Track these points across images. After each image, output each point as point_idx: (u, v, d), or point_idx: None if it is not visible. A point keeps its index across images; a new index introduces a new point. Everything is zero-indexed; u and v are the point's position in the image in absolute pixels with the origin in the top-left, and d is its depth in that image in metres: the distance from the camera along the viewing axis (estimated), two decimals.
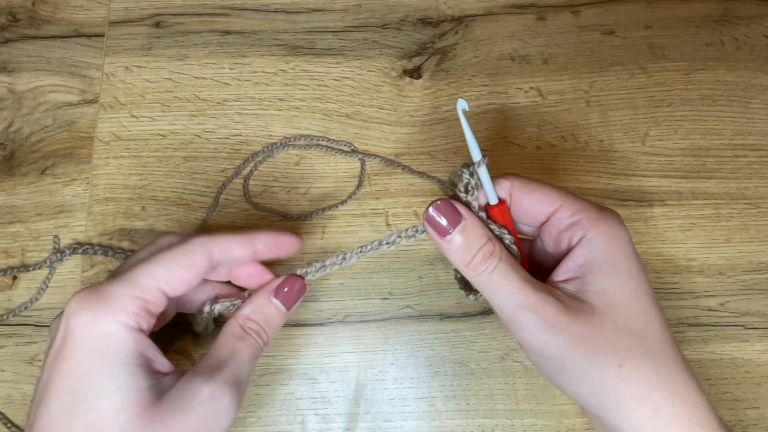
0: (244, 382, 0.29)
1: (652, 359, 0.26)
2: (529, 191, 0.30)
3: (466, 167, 0.30)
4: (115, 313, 0.27)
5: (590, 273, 0.28)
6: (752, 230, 0.41)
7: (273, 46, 0.45)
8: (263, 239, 0.32)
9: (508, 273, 0.28)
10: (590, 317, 0.27)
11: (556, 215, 0.29)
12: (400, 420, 0.37)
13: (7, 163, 0.42)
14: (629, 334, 0.26)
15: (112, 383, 0.26)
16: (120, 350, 0.26)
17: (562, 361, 0.27)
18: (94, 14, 0.45)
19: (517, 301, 0.27)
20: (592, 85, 0.44)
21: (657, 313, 0.28)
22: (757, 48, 0.45)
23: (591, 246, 0.28)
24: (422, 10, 0.46)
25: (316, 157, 0.42)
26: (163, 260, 0.29)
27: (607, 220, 0.28)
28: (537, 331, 0.27)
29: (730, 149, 0.43)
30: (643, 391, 0.26)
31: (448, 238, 0.29)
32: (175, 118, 0.43)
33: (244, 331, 0.30)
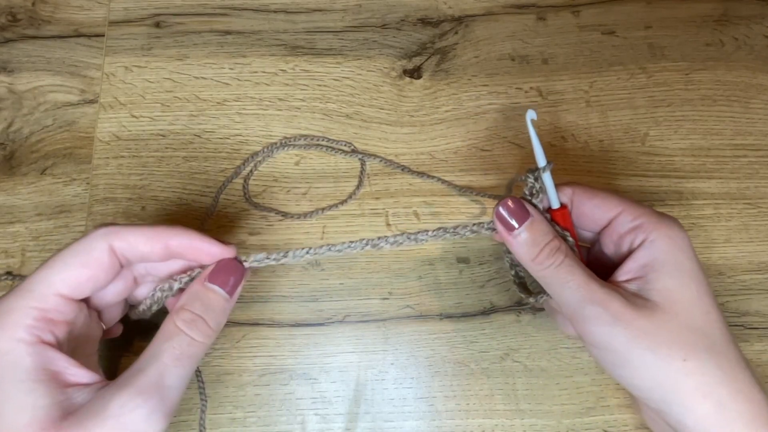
0: (170, 388, 0.26)
1: (715, 356, 0.27)
2: (590, 196, 0.31)
3: (531, 172, 0.31)
4: (9, 329, 0.25)
5: (653, 272, 0.28)
6: (752, 230, 0.41)
7: (273, 46, 0.45)
8: (178, 238, 0.29)
9: (574, 268, 0.29)
10: (654, 313, 0.27)
11: (617, 219, 0.30)
12: (400, 420, 0.37)
13: (7, 163, 0.42)
14: (692, 331, 0.27)
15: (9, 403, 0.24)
16: (15, 367, 0.25)
17: (627, 354, 0.27)
18: (94, 14, 0.46)
19: (583, 295, 0.28)
20: (592, 85, 0.44)
21: (718, 313, 0.28)
22: (757, 48, 0.45)
23: (653, 247, 0.29)
24: (422, 10, 0.46)
25: (316, 157, 0.42)
26: (58, 262, 0.27)
27: (669, 223, 0.29)
28: (602, 324, 0.27)
29: (730, 149, 0.43)
30: (708, 386, 0.26)
31: (515, 233, 0.30)
32: (175, 118, 0.43)
33: (175, 328, 0.27)
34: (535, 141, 0.31)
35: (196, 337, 0.28)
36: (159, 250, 0.29)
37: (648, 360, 0.27)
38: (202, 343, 0.28)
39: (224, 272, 0.29)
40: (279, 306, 0.39)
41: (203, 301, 0.29)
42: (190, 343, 0.27)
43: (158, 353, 0.27)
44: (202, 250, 0.29)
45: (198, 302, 0.28)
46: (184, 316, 0.28)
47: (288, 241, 0.40)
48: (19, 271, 0.40)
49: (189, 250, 0.29)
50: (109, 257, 0.28)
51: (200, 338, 0.28)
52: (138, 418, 0.25)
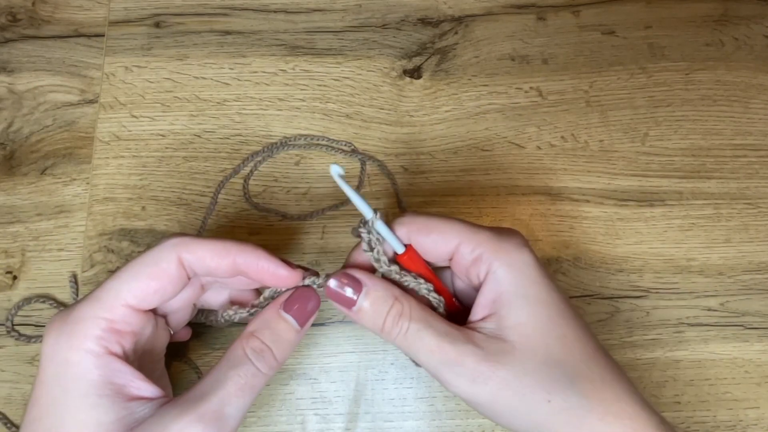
0: (232, 417, 0.26)
1: (578, 385, 0.26)
2: (426, 233, 0.29)
3: (362, 225, 0.29)
4: (79, 339, 0.25)
5: (503, 308, 0.27)
6: (752, 230, 0.41)
7: (273, 46, 0.45)
8: (245, 256, 0.28)
9: (421, 332, 0.27)
10: (512, 357, 0.26)
11: (458, 252, 0.28)
12: (400, 420, 0.37)
13: (7, 163, 0.42)
14: (551, 365, 0.26)
15: (73, 416, 0.24)
16: (82, 381, 0.24)
17: (494, 407, 0.27)
18: (94, 14, 0.46)
19: (437, 359, 0.27)
20: (592, 85, 0.44)
21: (576, 333, 0.27)
22: (757, 48, 0.45)
23: (496, 279, 0.27)
24: (422, 10, 0.46)
25: (316, 157, 0.42)
26: (127, 273, 0.27)
27: (507, 248, 0.28)
28: (463, 384, 0.27)
29: (730, 149, 0.43)
30: (577, 419, 0.26)
31: (355, 309, 0.28)
32: (175, 118, 0.43)
33: (243, 355, 0.27)
34: (352, 195, 0.28)
35: (262, 369, 0.27)
36: (226, 266, 0.28)
37: (515, 408, 0.26)
38: (266, 375, 0.27)
39: (300, 302, 0.29)
40: None
41: (274, 330, 0.28)
42: (255, 374, 0.27)
43: (223, 380, 0.26)
44: (268, 271, 0.28)
45: (268, 331, 0.28)
46: (253, 344, 0.27)
47: (288, 241, 0.40)
48: (19, 271, 0.40)
49: (255, 270, 0.28)
50: (177, 269, 0.27)
51: (265, 370, 0.27)
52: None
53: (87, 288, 0.39)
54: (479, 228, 0.29)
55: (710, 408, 0.37)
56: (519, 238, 0.29)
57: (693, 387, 0.38)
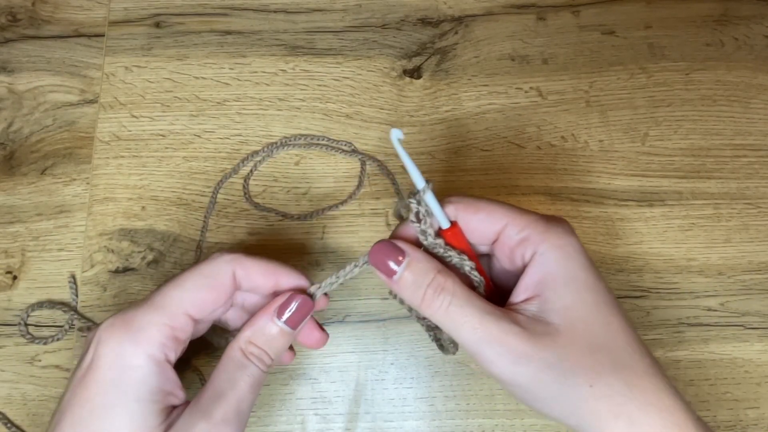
0: (245, 413, 0.28)
1: (621, 372, 0.26)
2: (474, 211, 0.29)
3: (412, 196, 0.28)
4: (143, 344, 0.26)
5: (548, 290, 0.27)
6: (752, 230, 0.41)
7: (273, 46, 0.45)
8: (288, 279, 0.30)
9: (465, 307, 0.27)
10: (555, 339, 0.26)
11: (504, 233, 0.28)
12: (400, 420, 0.37)
13: (7, 163, 0.42)
14: (596, 350, 0.26)
15: (124, 421, 0.25)
16: (140, 386, 0.26)
17: (533, 389, 0.26)
18: (94, 14, 0.46)
19: (479, 336, 0.26)
20: (592, 85, 0.44)
21: (620, 321, 0.27)
22: (757, 48, 0.45)
23: (544, 261, 0.27)
24: (422, 10, 0.46)
25: (316, 157, 0.42)
26: (188, 282, 0.28)
27: (556, 231, 0.28)
28: (504, 364, 0.26)
29: (730, 149, 0.43)
30: (618, 406, 0.25)
31: (395, 278, 0.28)
32: (175, 118, 0.43)
33: (245, 357, 0.28)
34: (408, 162, 0.28)
35: (262, 368, 0.29)
36: (270, 285, 0.30)
37: (555, 392, 0.26)
38: (264, 375, 0.29)
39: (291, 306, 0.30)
40: None
41: (267, 335, 0.29)
42: (259, 373, 0.28)
43: (234, 380, 0.27)
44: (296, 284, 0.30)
45: (262, 336, 0.29)
46: (251, 349, 0.29)
47: (288, 241, 0.40)
48: (19, 271, 0.40)
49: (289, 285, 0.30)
50: (231, 284, 0.29)
51: (264, 369, 0.29)
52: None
53: (87, 287, 0.39)
54: (527, 211, 0.29)
55: (710, 408, 0.37)
56: (566, 224, 0.28)
57: (693, 387, 0.38)
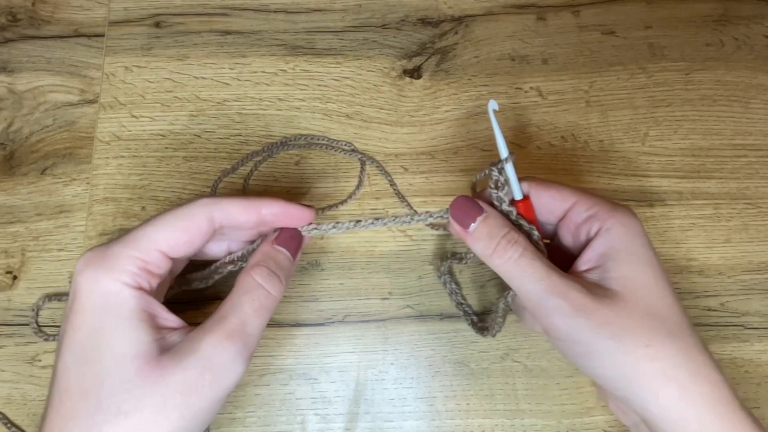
0: (251, 336, 0.29)
1: (675, 340, 0.27)
2: (546, 188, 0.32)
3: (494, 165, 0.31)
4: (116, 273, 0.28)
5: (610, 261, 0.29)
6: (752, 230, 0.41)
7: (273, 46, 0.45)
8: (270, 207, 0.31)
9: (534, 260, 0.29)
10: (614, 301, 0.28)
11: (573, 210, 0.31)
12: (400, 420, 0.37)
13: (7, 163, 0.42)
14: (652, 317, 0.28)
15: (116, 336, 0.27)
16: (122, 307, 0.27)
17: (590, 344, 0.28)
18: (94, 14, 0.46)
19: (545, 287, 0.28)
20: (592, 85, 0.44)
21: (675, 297, 0.29)
22: (757, 48, 0.45)
23: (609, 236, 0.29)
24: (422, 10, 0.46)
25: (316, 157, 0.42)
26: (163, 222, 0.29)
27: (622, 211, 0.30)
28: (565, 316, 0.28)
29: (730, 149, 0.43)
30: (670, 370, 0.27)
31: (471, 229, 0.30)
32: (175, 118, 0.43)
33: (253, 281, 0.30)
34: (498, 132, 0.31)
35: (272, 291, 0.30)
36: (253, 219, 0.31)
37: (612, 348, 0.27)
38: (276, 297, 0.31)
39: (289, 238, 0.32)
40: (279, 306, 0.39)
41: (275, 260, 0.31)
42: (267, 296, 0.30)
43: (239, 304, 0.29)
44: (289, 214, 0.32)
45: (271, 261, 0.31)
46: (261, 272, 0.30)
47: None
48: (19, 271, 0.40)
49: (278, 217, 0.32)
50: (207, 225, 0.30)
51: (274, 292, 0.30)
52: (225, 358, 0.27)
53: None
54: (594, 193, 0.31)
55: None
56: (631, 209, 0.31)
57: None
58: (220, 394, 0.28)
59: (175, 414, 0.26)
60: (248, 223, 0.31)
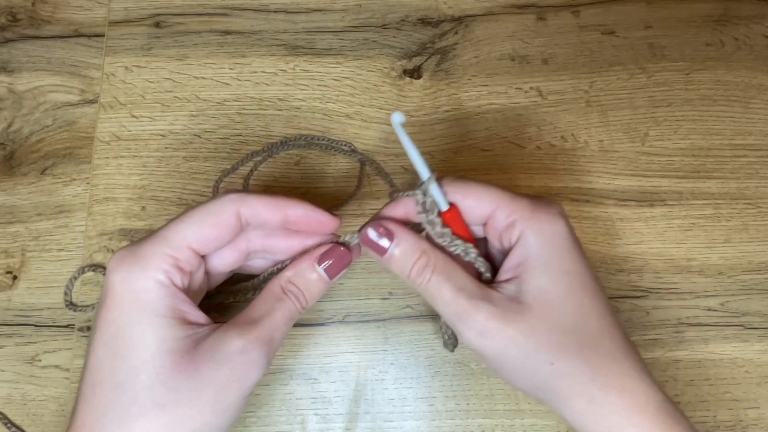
0: (276, 342, 0.30)
1: (585, 353, 0.27)
2: (463, 196, 0.30)
3: (418, 186, 0.30)
4: (149, 270, 0.28)
5: (525, 272, 0.29)
6: (752, 230, 0.41)
7: (273, 46, 0.45)
8: (296, 209, 0.31)
9: (441, 284, 0.29)
10: (524, 317, 0.28)
11: (494, 217, 0.30)
12: (400, 420, 0.37)
13: (7, 163, 0.42)
14: (562, 331, 0.28)
15: (149, 332, 0.27)
16: (154, 303, 0.28)
17: (499, 362, 0.29)
18: (94, 14, 0.46)
19: (452, 311, 0.29)
20: (592, 85, 0.44)
21: (595, 304, 0.28)
22: (757, 48, 0.45)
23: (525, 245, 0.29)
24: (422, 10, 0.46)
25: (316, 157, 0.42)
26: (192, 218, 0.30)
27: (541, 217, 0.29)
28: (472, 338, 0.29)
29: (730, 149, 0.43)
30: (578, 385, 0.27)
31: (386, 256, 0.31)
32: (175, 118, 0.43)
33: (283, 293, 0.30)
34: (412, 150, 0.30)
35: (297, 306, 0.31)
36: (278, 219, 0.31)
37: (520, 366, 0.28)
38: (299, 312, 0.31)
39: (333, 257, 0.32)
40: None
41: (306, 278, 0.31)
42: (294, 309, 0.31)
43: (271, 311, 0.30)
44: (313, 218, 0.32)
45: (301, 279, 0.31)
46: (290, 287, 0.31)
47: None
48: (19, 271, 0.40)
49: (303, 219, 0.31)
50: (235, 221, 0.30)
51: (299, 308, 0.31)
52: (255, 361, 0.28)
53: (87, 287, 0.39)
54: (517, 195, 0.30)
55: (710, 408, 0.37)
56: (555, 207, 0.30)
57: (693, 387, 0.38)
58: (246, 392, 0.28)
59: (208, 408, 0.27)
60: (273, 222, 0.31)
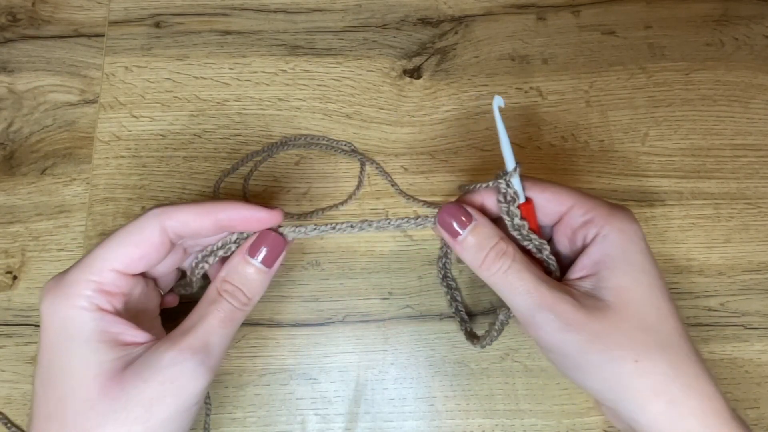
0: (215, 347, 0.28)
1: (666, 353, 0.27)
2: (541, 190, 0.30)
3: (500, 177, 0.30)
4: (72, 298, 0.28)
5: (605, 269, 0.28)
6: (752, 230, 0.41)
7: (273, 46, 0.45)
8: (226, 212, 0.30)
9: (523, 272, 0.28)
10: (605, 314, 0.27)
11: (569, 214, 0.30)
12: (400, 420, 0.37)
13: (7, 163, 0.42)
14: (644, 329, 0.27)
15: (76, 359, 0.27)
16: (79, 331, 0.28)
17: (579, 358, 0.27)
18: (94, 14, 0.46)
19: (533, 301, 0.28)
20: (592, 85, 0.44)
21: (670, 306, 0.28)
22: (757, 48, 0.45)
23: (605, 242, 0.29)
24: (422, 10, 0.46)
25: (316, 157, 0.42)
26: (114, 241, 0.29)
27: (620, 216, 0.29)
28: (553, 330, 0.27)
29: (730, 149, 0.43)
30: (660, 385, 0.26)
31: (459, 239, 0.30)
32: (175, 118, 0.43)
33: (218, 294, 0.30)
34: (504, 137, 0.30)
35: (236, 305, 0.30)
36: (209, 225, 0.30)
37: (600, 363, 0.27)
38: (242, 310, 0.30)
39: (263, 245, 0.31)
40: (279, 306, 0.39)
41: (241, 274, 0.30)
42: (232, 309, 0.29)
43: (205, 315, 0.29)
44: (250, 218, 0.30)
45: (236, 275, 0.30)
46: (225, 286, 0.30)
47: None
48: (19, 271, 0.40)
49: (238, 221, 0.30)
50: (160, 236, 0.30)
51: (239, 305, 0.30)
52: (186, 370, 0.27)
53: None
54: (592, 195, 0.30)
55: None
56: (629, 212, 0.30)
57: None
58: (184, 404, 0.27)
59: (137, 427, 0.26)
60: (205, 230, 0.30)
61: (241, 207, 0.30)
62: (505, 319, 0.33)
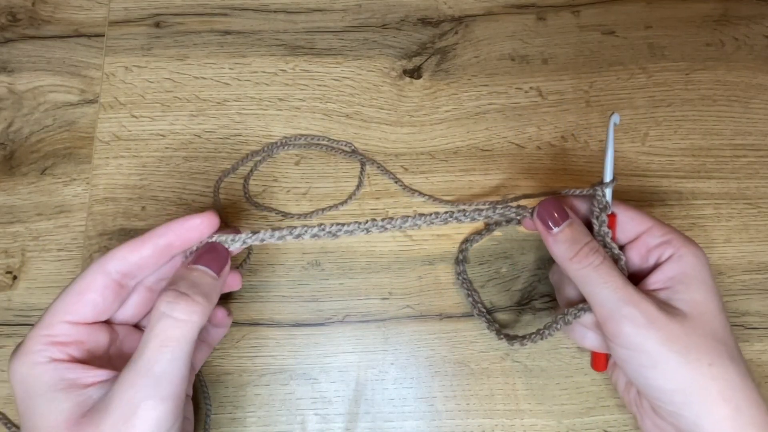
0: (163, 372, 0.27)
1: (735, 363, 0.29)
2: (625, 209, 0.33)
3: (597, 186, 0.33)
4: (27, 355, 0.29)
5: (681, 284, 0.30)
6: (752, 230, 0.41)
7: (273, 46, 0.45)
8: (162, 236, 0.30)
9: (612, 269, 0.31)
10: (683, 320, 0.29)
11: (648, 233, 0.32)
12: (400, 420, 0.37)
13: (7, 163, 0.42)
14: (716, 339, 0.29)
15: (38, 413, 0.28)
16: (39, 384, 0.28)
17: (657, 355, 0.29)
18: (94, 14, 0.46)
19: (621, 296, 0.30)
20: (592, 85, 0.44)
21: (730, 328, 0.31)
22: (757, 48, 0.45)
23: (681, 262, 0.31)
24: (422, 10, 0.46)
25: (316, 157, 0.42)
26: (62, 294, 0.30)
27: (694, 243, 0.32)
28: (636, 325, 0.29)
29: (730, 149, 0.43)
30: (729, 391, 0.28)
31: (555, 231, 0.32)
32: (175, 118, 0.43)
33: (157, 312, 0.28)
34: (611, 152, 0.33)
35: (180, 316, 0.27)
36: (150, 254, 0.30)
37: (677, 362, 0.28)
38: (187, 321, 0.28)
39: (205, 253, 0.30)
40: (279, 306, 0.39)
41: (188, 279, 0.29)
42: (172, 325, 0.27)
43: (146, 342, 0.27)
44: (183, 229, 0.30)
45: (183, 281, 0.29)
46: (167, 296, 0.28)
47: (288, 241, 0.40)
48: (19, 271, 0.40)
49: (175, 239, 0.30)
50: (103, 280, 0.29)
51: (184, 316, 0.28)
52: (135, 403, 0.26)
53: None
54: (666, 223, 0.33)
55: None
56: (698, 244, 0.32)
57: None
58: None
59: None
60: (150, 260, 0.30)
61: (172, 224, 0.30)
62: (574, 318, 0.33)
